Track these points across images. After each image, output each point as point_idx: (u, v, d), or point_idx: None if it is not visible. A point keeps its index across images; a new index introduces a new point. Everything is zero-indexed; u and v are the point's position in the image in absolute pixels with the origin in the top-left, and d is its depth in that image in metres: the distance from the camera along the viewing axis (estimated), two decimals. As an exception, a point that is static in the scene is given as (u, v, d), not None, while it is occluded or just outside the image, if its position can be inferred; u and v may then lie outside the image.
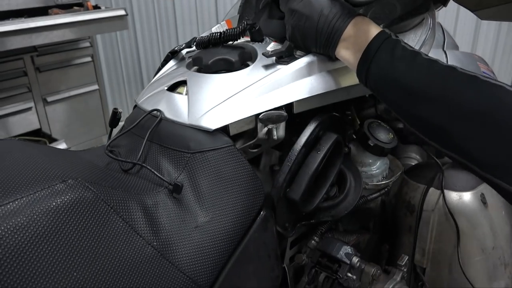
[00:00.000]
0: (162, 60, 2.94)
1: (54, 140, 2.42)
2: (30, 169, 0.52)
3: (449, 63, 0.93)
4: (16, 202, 0.47)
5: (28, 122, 2.48)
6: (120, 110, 0.73)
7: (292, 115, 0.74)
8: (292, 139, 0.76)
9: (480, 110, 0.52)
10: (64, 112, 2.66)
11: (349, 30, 0.67)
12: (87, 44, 2.64)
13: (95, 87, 2.78)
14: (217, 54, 0.76)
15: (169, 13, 2.96)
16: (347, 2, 0.90)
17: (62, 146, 2.32)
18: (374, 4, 0.87)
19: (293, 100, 0.71)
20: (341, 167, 0.80)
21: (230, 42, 0.82)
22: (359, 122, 0.87)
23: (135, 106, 0.81)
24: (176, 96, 0.73)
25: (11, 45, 1.92)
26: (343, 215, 0.79)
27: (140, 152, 0.67)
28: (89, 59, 2.70)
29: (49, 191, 0.50)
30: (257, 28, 0.82)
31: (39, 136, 2.52)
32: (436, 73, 0.57)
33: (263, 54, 0.75)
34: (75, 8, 2.32)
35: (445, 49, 0.96)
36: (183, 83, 0.75)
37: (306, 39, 0.71)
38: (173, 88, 0.76)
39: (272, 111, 0.69)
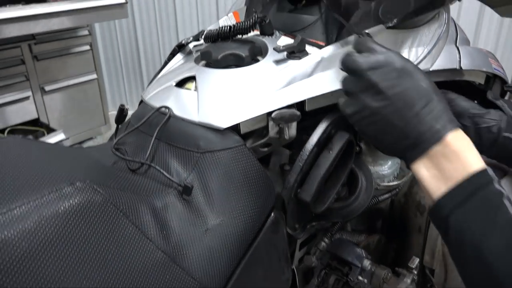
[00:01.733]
0: (161, 49, 2.89)
1: (52, 130, 2.39)
2: (36, 171, 0.50)
3: (461, 58, 0.92)
4: (23, 207, 0.45)
5: (25, 111, 2.45)
6: (127, 106, 0.71)
7: (303, 112, 0.72)
8: (302, 137, 0.74)
9: None
10: (62, 102, 2.63)
11: (442, 145, 0.51)
12: (86, 32, 2.60)
13: (94, 76, 2.75)
14: (227, 49, 0.74)
15: (169, 1, 2.91)
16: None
17: (60, 136, 2.29)
18: (387, -3, 0.84)
19: (305, 97, 0.69)
20: (352, 166, 0.78)
21: (240, 36, 0.79)
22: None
23: (141, 101, 0.78)
24: (184, 92, 0.71)
25: (9, 33, 1.88)
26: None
27: (148, 151, 0.64)
28: (87, 47, 2.66)
29: (57, 194, 0.48)
30: (267, 22, 0.79)
31: (36, 126, 2.49)
32: None
33: (274, 49, 0.72)
34: (74, -5, 2.27)
35: (457, 44, 0.93)
36: (191, 78, 0.73)
37: (381, 133, 0.55)
38: (181, 83, 0.74)
39: (285, 110, 0.66)
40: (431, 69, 0.82)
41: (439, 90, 0.54)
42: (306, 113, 0.72)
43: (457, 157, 0.50)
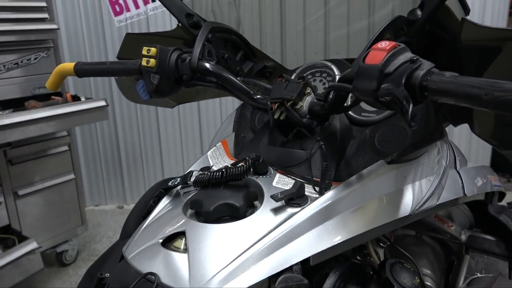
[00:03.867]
0: (142, 147, 2.81)
1: (24, 238, 2.24)
2: None
3: (464, 184, 0.88)
4: None
5: (-4, 218, 2.30)
6: (106, 274, 0.62)
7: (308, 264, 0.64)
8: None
9: None
10: (37, 205, 2.49)
11: None
12: (65, 133, 2.54)
13: (71, 176, 2.64)
14: (219, 198, 0.67)
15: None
16: (351, 123, 0.86)
17: (32, 245, 2.14)
18: (381, 124, 0.82)
19: (310, 254, 0.62)
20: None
21: None
22: (378, 262, 0.78)
23: (122, 257, 0.69)
24: (173, 254, 0.62)
25: (-17, 143, 1.81)
26: None
27: (132, 336, 0.54)
28: (65, 148, 2.58)
29: None
30: (260, 161, 0.74)
31: (8, 233, 2.33)
32: None
33: (271, 197, 0.66)
34: (54, 98, 2.24)
35: (458, 169, 0.90)
36: (180, 234, 0.65)
37: None
38: (168, 239, 0.66)
39: (290, 276, 0.58)
40: (437, 203, 0.77)
41: None
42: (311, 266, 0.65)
43: None
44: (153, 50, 0.81)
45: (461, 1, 0.68)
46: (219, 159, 0.87)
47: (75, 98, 2.28)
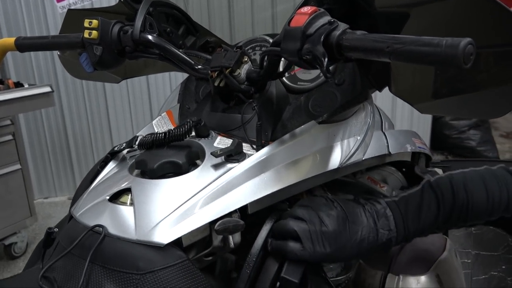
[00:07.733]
0: (91, 133, 2.79)
1: (-31, 232, 2.16)
2: None
3: (389, 143, 0.97)
4: None
5: None
6: (55, 229, 0.65)
7: (246, 214, 0.70)
8: (246, 238, 0.72)
9: None
10: (-20, 199, 2.41)
11: None
12: (8, 122, 2.46)
13: (17, 166, 2.56)
14: (163, 157, 0.72)
15: (98, 87, 2.88)
16: (288, 91, 0.92)
17: (-22, 238, 2.08)
18: (315, 91, 0.88)
19: (247, 202, 0.68)
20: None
21: None
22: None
23: (71, 217, 0.72)
24: (120, 207, 0.66)
25: None
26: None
27: (82, 280, 0.58)
28: (10, 137, 2.50)
29: None
30: (202, 124, 0.79)
31: (-50, 228, 2.24)
32: None
33: (211, 154, 0.72)
34: (-6, 85, 2.17)
35: (384, 130, 0.99)
36: (126, 191, 0.69)
37: None
38: (115, 196, 0.70)
39: (228, 219, 0.64)
40: (363, 158, 0.86)
41: None
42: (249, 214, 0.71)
43: None
44: (94, 22, 0.83)
45: (372, -28, 0.75)
46: (164, 127, 0.91)
47: (18, 85, 2.21)
